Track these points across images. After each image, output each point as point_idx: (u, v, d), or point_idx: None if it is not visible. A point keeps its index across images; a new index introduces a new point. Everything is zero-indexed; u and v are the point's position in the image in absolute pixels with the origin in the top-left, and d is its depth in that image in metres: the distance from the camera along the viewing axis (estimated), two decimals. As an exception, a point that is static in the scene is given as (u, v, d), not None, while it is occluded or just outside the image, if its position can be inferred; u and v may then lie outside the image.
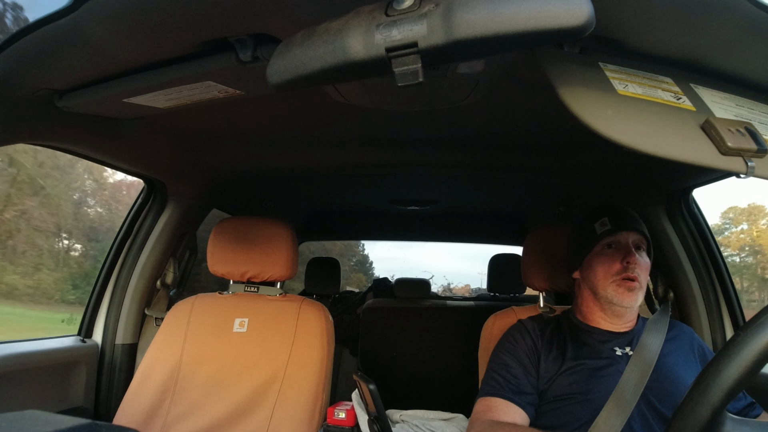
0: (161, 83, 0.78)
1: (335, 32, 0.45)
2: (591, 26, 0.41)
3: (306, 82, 0.49)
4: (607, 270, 0.92)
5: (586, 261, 0.97)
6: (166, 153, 1.28)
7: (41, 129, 0.90)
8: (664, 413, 0.85)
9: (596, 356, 0.93)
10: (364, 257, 6.00)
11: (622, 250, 0.92)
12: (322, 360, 1.17)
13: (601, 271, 0.93)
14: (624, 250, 0.92)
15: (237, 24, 0.64)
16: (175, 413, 1.13)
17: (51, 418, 0.47)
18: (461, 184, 1.83)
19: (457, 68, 0.81)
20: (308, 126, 1.22)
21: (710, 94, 0.60)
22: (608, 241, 0.94)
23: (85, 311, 1.39)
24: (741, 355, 0.45)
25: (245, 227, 1.28)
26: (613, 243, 0.94)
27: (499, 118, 1.12)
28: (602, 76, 0.56)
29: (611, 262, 0.92)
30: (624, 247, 0.93)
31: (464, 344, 2.18)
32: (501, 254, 2.37)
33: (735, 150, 0.50)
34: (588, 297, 0.99)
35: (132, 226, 1.42)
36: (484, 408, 0.91)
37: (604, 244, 0.94)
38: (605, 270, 0.92)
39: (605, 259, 0.93)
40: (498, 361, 0.98)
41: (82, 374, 1.30)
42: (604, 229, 0.93)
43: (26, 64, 0.71)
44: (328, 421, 1.08)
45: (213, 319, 1.23)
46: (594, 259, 0.95)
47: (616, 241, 0.94)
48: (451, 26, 0.41)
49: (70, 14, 0.60)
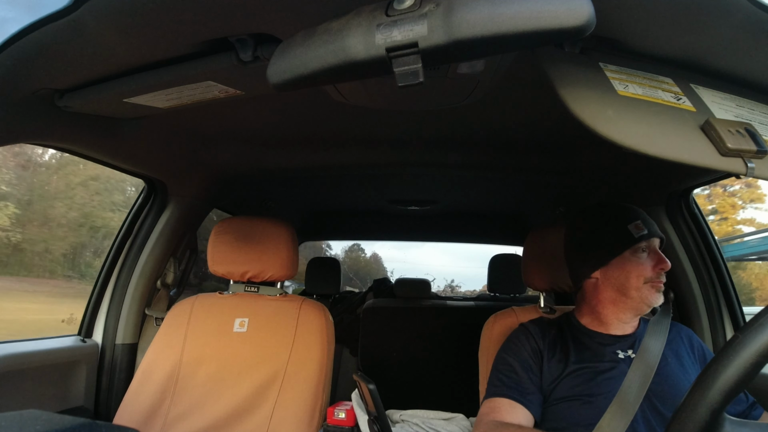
0: (161, 83, 0.78)
1: (336, 32, 0.45)
2: (591, 26, 0.41)
3: (306, 82, 0.50)
4: (640, 273, 0.93)
5: (615, 262, 0.96)
6: (167, 153, 1.28)
7: (41, 129, 0.90)
8: (666, 415, 0.85)
9: (599, 359, 0.93)
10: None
11: (654, 255, 0.95)
12: (322, 360, 1.17)
13: (635, 274, 0.94)
14: (655, 255, 0.95)
15: (237, 24, 0.64)
16: (175, 413, 1.13)
17: (51, 418, 0.47)
18: (461, 184, 1.83)
19: (457, 68, 0.81)
20: (308, 126, 1.22)
21: (710, 94, 0.60)
22: (642, 246, 0.95)
23: (86, 311, 1.39)
24: (740, 357, 0.45)
25: (245, 227, 1.28)
26: (645, 248, 0.95)
27: (499, 118, 1.12)
28: (602, 77, 0.56)
29: (645, 266, 0.94)
30: (655, 253, 0.95)
31: (464, 344, 2.18)
32: (501, 254, 2.36)
33: (735, 151, 0.50)
34: (608, 296, 0.97)
35: (132, 225, 1.42)
36: (489, 409, 0.92)
37: (639, 248, 0.95)
38: (639, 273, 0.93)
39: (639, 263, 0.94)
40: (502, 363, 0.98)
41: (83, 374, 1.30)
42: (641, 233, 0.94)
43: (26, 64, 0.71)
44: (328, 421, 1.08)
45: (213, 319, 1.23)
46: (627, 261, 0.95)
47: (648, 246, 0.96)
48: (452, 26, 0.41)
49: (70, 14, 0.60)
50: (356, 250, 5.79)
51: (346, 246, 5.52)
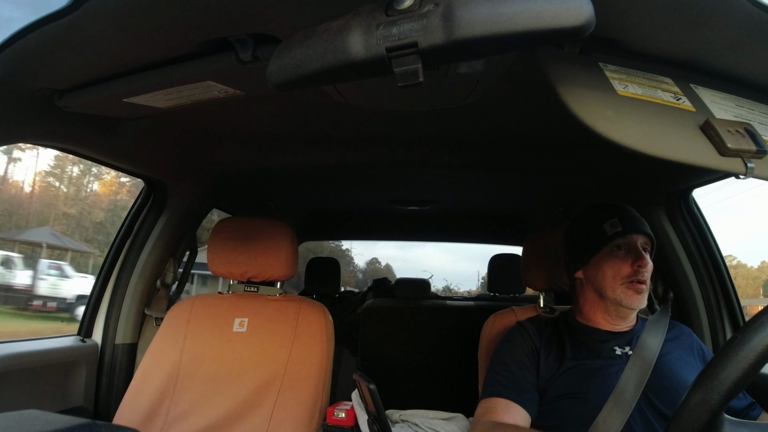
0: (161, 83, 0.78)
1: (335, 32, 0.45)
2: (591, 26, 0.41)
3: (306, 82, 0.50)
4: (616, 272, 0.91)
5: (593, 261, 0.96)
6: (166, 153, 1.28)
7: (41, 129, 0.90)
8: (664, 412, 0.85)
9: (596, 356, 0.93)
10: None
11: (632, 253, 0.92)
12: (322, 360, 1.17)
13: (610, 274, 0.92)
14: (634, 253, 0.91)
15: (237, 24, 0.64)
16: (175, 413, 1.13)
17: (51, 418, 0.47)
18: (461, 184, 1.83)
19: (457, 68, 0.81)
20: (308, 126, 1.22)
21: (710, 94, 0.60)
22: (618, 243, 0.93)
23: (85, 311, 1.39)
24: (738, 358, 0.45)
25: (245, 227, 1.28)
26: (623, 245, 0.93)
27: (499, 118, 1.12)
28: (602, 77, 0.56)
29: (621, 264, 0.91)
30: (634, 250, 0.92)
31: (464, 344, 2.18)
32: (501, 254, 2.37)
33: (734, 151, 0.50)
34: (591, 297, 0.98)
35: (132, 225, 1.42)
36: (485, 409, 0.91)
37: (614, 246, 0.93)
38: (614, 272, 0.92)
39: (615, 262, 0.92)
40: (498, 362, 0.98)
41: (82, 374, 1.30)
42: (615, 230, 0.92)
43: (26, 64, 0.71)
44: (328, 421, 1.07)
45: (213, 319, 1.23)
46: (602, 260, 0.94)
47: (626, 243, 0.93)
48: (451, 26, 0.41)
49: (70, 14, 0.60)
50: (374, 262, 6.32)
51: (367, 258, 5.96)
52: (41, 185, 13.91)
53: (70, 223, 13.43)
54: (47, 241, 10.34)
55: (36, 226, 12.23)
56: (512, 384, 0.92)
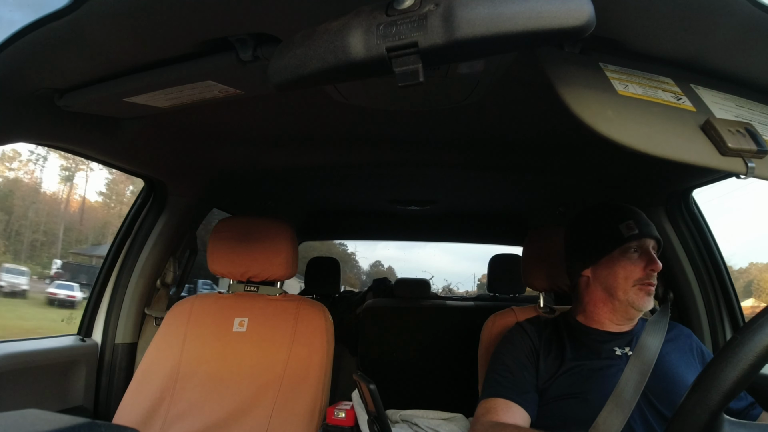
0: (161, 83, 0.78)
1: (336, 32, 0.45)
2: (591, 26, 0.41)
3: (306, 82, 0.49)
4: (628, 274, 0.92)
5: (604, 261, 0.95)
6: (166, 152, 1.28)
7: (41, 128, 0.90)
8: (664, 413, 0.85)
9: (596, 356, 0.93)
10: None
11: (645, 256, 0.93)
12: (322, 360, 1.17)
13: (623, 275, 0.92)
14: (647, 256, 0.92)
15: (237, 23, 0.64)
16: (175, 413, 1.12)
17: (51, 417, 0.47)
18: (461, 184, 1.83)
19: (457, 68, 0.81)
20: (308, 126, 1.22)
21: (710, 94, 0.60)
22: (633, 246, 0.93)
23: (85, 310, 1.39)
24: (738, 359, 0.45)
25: (245, 227, 1.28)
26: (637, 248, 0.93)
27: (499, 118, 1.12)
28: (602, 77, 0.56)
29: (633, 267, 0.92)
30: (646, 254, 0.93)
31: (464, 344, 2.18)
32: (501, 254, 2.36)
33: (735, 151, 0.50)
34: (598, 296, 0.97)
35: (132, 225, 1.42)
36: (485, 409, 0.91)
37: (628, 248, 0.93)
38: (627, 274, 0.92)
39: (628, 264, 0.93)
40: (497, 363, 0.98)
41: (82, 373, 1.30)
42: (632, 233, 0.92)
43: (26, 64, 0.71)
44: (328, 421, 1.07)
45: (213, 319, 1.23)
46: (615, 261, 0.94)
47: (640, 246, 0.93)
48: (452, 26, 0.41)
49: (70, 14, 0.60)
50: (377, 265, 6.41)
51: (371, 261, 6.02)
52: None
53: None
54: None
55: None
56: (512, 384, 0.92)
